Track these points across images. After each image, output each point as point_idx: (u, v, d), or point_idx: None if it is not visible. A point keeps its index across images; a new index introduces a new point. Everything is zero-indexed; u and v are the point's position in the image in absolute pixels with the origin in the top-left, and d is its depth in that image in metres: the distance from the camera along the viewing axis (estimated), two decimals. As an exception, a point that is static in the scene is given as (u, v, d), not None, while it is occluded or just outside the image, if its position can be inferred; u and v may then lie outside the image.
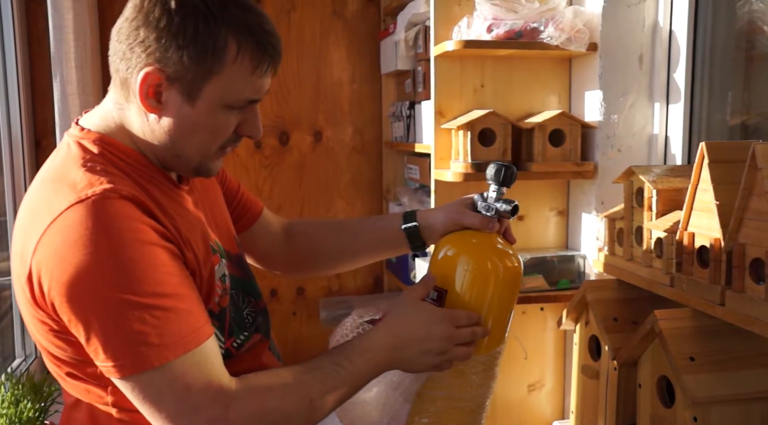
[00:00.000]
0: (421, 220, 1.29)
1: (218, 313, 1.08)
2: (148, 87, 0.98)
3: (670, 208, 1.40)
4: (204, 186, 1.21)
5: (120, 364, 0.91)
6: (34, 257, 0.94)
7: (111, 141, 1.03)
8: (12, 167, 2.38)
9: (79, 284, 0.90)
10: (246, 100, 1.03)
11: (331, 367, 1.04)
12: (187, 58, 0.96)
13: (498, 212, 1.18)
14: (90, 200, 0.93)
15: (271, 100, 2.82)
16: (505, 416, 2.00)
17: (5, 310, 2.39)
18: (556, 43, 1.80)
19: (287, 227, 1.43)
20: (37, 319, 0.98)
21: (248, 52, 0.99)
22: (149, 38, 0.96)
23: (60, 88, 2.24)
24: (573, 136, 1.85)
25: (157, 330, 0.91)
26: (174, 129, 1.01)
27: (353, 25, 2.87)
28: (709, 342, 1.23)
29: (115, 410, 1.03)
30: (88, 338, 0.92)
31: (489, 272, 1.13)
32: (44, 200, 0.97)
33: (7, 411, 1.56)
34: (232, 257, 1.18)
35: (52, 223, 0.93)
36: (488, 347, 1.15)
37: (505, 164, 1.17)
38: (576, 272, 1.93)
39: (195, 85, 0.98)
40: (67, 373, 1.04)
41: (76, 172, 0.97)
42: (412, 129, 2.47)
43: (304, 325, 2.94)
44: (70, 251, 0.91)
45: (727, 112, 1.78)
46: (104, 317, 0.91)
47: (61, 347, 0.99)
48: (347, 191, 2.93)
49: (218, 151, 1.07)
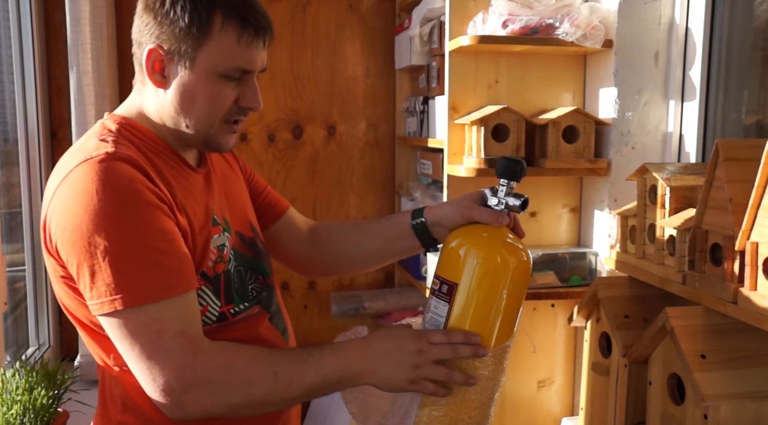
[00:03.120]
0: (429, 216, 1.30)
1: (212, 277, 1.16)
2: (153, 62, 1.12)
3: (683, 206, 1.39)
4: (225, 174, 1.32)
5: (101, 302, 1.02)
6: (48, 209, 1.08)
7: (130, 122, 1.17)
8: (28, 158, 2.40)
9: (74, 228, 1.02)
10: (238, 70, 1.13)
11: (301, 353, 1.11)
12: (178, 31, 1.10)
13: (508, 207, 1.18)
14: (94, 159, 1.05)
15: (285, 94, 2.82)
16: (514, 412, 2.00)
17: (19, 299, 2.41)
18: (572, 40, 1.79)
19: (312, 228, 1.48)
20: (51, 267, 1.10)
21: (231, 22, 1.10)
22: (150, 22, 1.12)
23: (76, 80, 2.26)
24: (587, 133, 1.85)
25: (138, 275, 1.02)
26: (179, 99, 1.13)
27: (368, 20, 2.87)
28: (721, 340, 1.23)
29: (115, 366, 1.13)
30: (78, 277, 1.04)
31: (499, 265, 1.13)
32: (62, 165, 1.11)
33: (21, 398, 1.57)
34: (244, 238, 1.27)
35: (63, 179, 1.07)
36: (497, 341, 1.15)
37: (514, 158, 1.17)
38: (588, 269, 1.92)
39: (189, 55, 1.11)
40: (78, 322, 1.15)
41: (92, 142, 1.11)
42: (425, 124, 2.47)
43: (315, 319, 2.95)
44: (71, 201, 1.04)
45: (743, 110, 1.77)
46: (91, 259, 1.01)
47: (70, 295, 1.10)
48: (360, 186, 2.94)
49: (224, 124, 1.17)
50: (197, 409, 1.04)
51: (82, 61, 2.25)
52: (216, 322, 1.15)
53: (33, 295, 2.44)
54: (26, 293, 2.43)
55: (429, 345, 1.11)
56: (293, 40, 2.80)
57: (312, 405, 2.72)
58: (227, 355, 1.06)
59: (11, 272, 2.34)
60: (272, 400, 1.08)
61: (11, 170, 2.38)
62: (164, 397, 1.02)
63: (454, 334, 1.12)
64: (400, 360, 1.10)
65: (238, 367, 1.06)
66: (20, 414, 1.56)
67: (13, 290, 2.35)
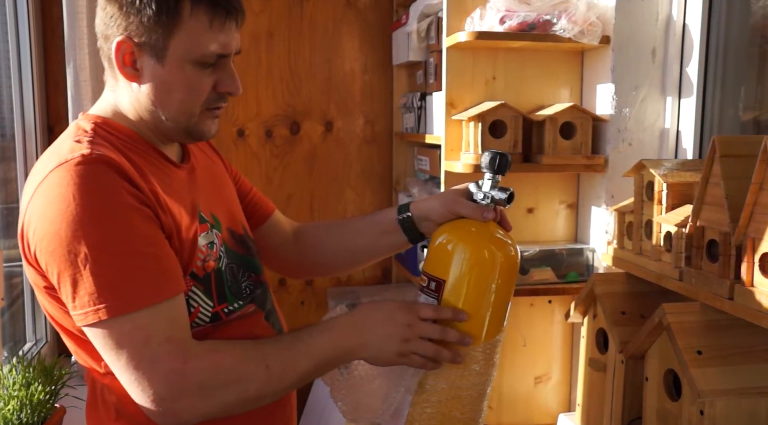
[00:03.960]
0: (415, 210, 1.29)
1: (203, 277, 1.12)
2: (123, 55, 1.07)
3: (680, 202, 1.40)
4: (210, 170, 1.29)
5: (85, 312, 0.98)
6: (25, 216, 1.04)
7: (106, 120, 1.13)
8: (25, 153, 2.40)
9: (53, 236, 0.99)
10: (213, 55, 1.09)
11: (291, 340, 1.09)
12: (147, 20, 1.05)
13: (494, 200, 1.17)
14: (70, 162, 1.01)
15: (283, 90, 2.82)
16: (511, 408, 2.00)
17: (16, 295, 2.41)
18: (569, 36, 1.79)
19: (297, 230, 1.46)
20: (32, 277, 1.07)
21: (201, 6, 1.06)
22: (115, 13, 1.07)
23: (73, 75, 2.25)
24: (584, 129, 1.85)
25: (121, 282, 0.98)
26: (154, 92, 1.09)
27: (366, 15, 2.87)
28: (717, 336, 1.23)
29: (105, 374, 1.09)
30: (59, 286, 1.00)
31: (486, 261, 1.13)
32: (37, 169, 1.07)
33: (18, 394, 1.57)
34: (235, 235, 1.25)
35: (39, 185, 1.02)
36: (487, 336, 1.15)
37: (499, 151, 1.16)
38: (585, 265, 1.93)
39: (160, 44, 1.06)
40: (64, 332, 1.11)
41: (66, 144, 1.06)
42: (422, 120, 2.47)
43: (313, 315, 2.95)
44: (48, 207, 1.00)
45: (740, 107, 1.77)
46: (72, 268, 0.98)
47: (54, 305, 1.07)
48: (357, 182, 2.94)
49: (205, 111, 1.13)
50: (191, 415, 1.02)
51: (79, 56, 2.24)
52: (209, 323, 1.13)
53: (30, 290, 2.44)
54: (23, 289, 2.42)
55: (418, 320, 1.10)
56: (290, 35, 2.80)
57: (308, 403, 2.72)
58: (216, 355, 1.04)
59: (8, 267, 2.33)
60: (267, 393, 1.06)
61: (8, 165, 2.38)
62: (156, 407, 0.99)
63: (444, 310, 1.12)
64: (390, 333, 1.10)
65: (229, 365, 1.03)
66: (17, 409, 1.56)
67: (10, 285, 2.35)
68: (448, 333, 1.11)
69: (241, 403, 1.05)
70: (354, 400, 1.19)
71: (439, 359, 1.11)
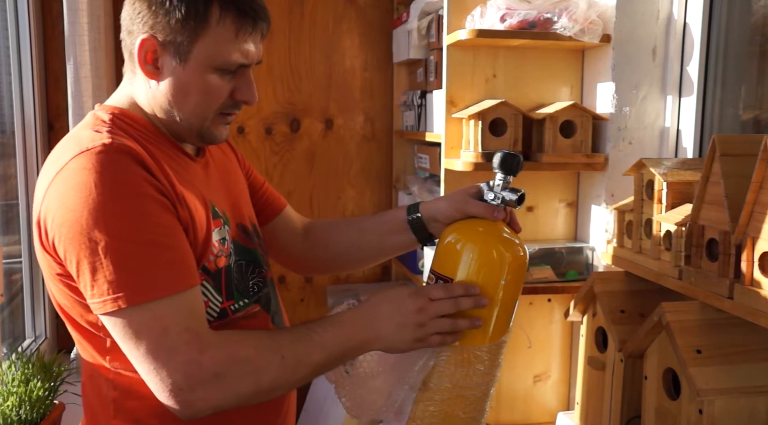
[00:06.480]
0: (425, 211, 1.29)
1: (214, 272, 1.13)
2: (145, 53, 1.08)
3: (680, 201, 1.40)
4: (224, 165, 1.30)
5: (104, 300, 0.98)
6: (42, 204, 1.03)
7: (123, 111, 1.13)
8: (24, 150, 2.40)
9: (73, 223, 0.98)
10: (235, 64, 1.10)
11: (304, 332, 1.08)
12: (174, 22, 1.06)
13: (504, 201, 1.18)
14: (91, 151, 1.01)
15: (283, 87, 2.82)
16: (510, 406, 2.01)
17: (16, 291, 2.41)
18: (569, 34, 1.79)
19: (307, 226, 1.47)
20: (47, 265, 1.06)
21: (230, 15, 1.07)
22: (143, 10, 1.07)
23: (73, 72, 2.25)
24: (584, 127, 1.85)
25: (141, 271, 0.99)
26: (172, 92, 1.10)
27: (366, 13, 2.86)
28: (717, 335, 1.23)
29: (111, 368, 1.10)
30: (78, 274, 1.00)
31: (495, 260, 1.13)
32: (55, 158, 1.06)
33: (17, 390, 1.57)
34: (246, 230, 1.25)
35: (58, 173, 1.02)
36: (493, 336, 1.15)
37: (511, 152, 1.17)
38: (584, 263, 1.93)
39: (184, 47, 1.07)
40: (71, 322, 1.11)
41: (86, 133, 1.07)
42: (423, 118, 2.47)
43: (312, 312, 2.95)
44: (68, 195, 0.99)
45: (740, 106, 1.77)
46: (92, 255, 0.98)
47: (65, 293, 1.07)
48: (357, 180, 2.94)
49: (218, 116, 1.14)
50: (207, 405, 1.01)
51: (79, 52, 2.24)
52: (217, 319, 1.13)
53: (29, 287, 2.44)
54: (23, 285, 2.43)
55: (429, 301, 1.10)
56: (291, 32, 2.80)
57: (308, 398, 2.72)
58: (232, 346, 1.03)
59: (8, 264, 2.34)
60: (281, 384, 1.06)
61: (8, 161, 2.38)
62: (173, 396, 0.99)
63: (454, 287, 1.11)
64: (403, 322, 1.09)
65: (244, 357, 1.03)
66: (16, 406, 1.56)
67: (10, 282, 2.35)
68: (462, 302, 1.11)
69: (255, 394, 1.04)
70: (358, 396, 1.19)
71: (457, 328, 1.11)
